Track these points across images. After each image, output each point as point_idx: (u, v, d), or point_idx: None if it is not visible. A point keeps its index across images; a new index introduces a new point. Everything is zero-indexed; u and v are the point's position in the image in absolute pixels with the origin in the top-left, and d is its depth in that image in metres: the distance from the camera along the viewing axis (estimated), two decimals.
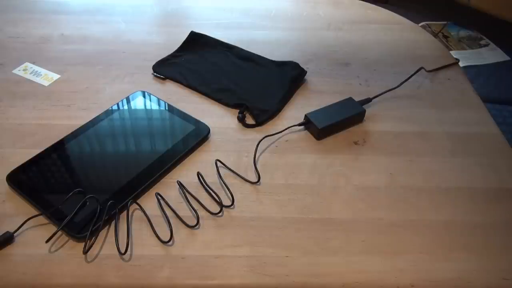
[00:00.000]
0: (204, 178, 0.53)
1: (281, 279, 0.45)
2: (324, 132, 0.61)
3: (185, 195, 0.51)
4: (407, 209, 0.52)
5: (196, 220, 0.49)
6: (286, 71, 0.71)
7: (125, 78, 0.69)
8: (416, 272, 0.46)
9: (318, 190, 0.54)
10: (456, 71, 0.76)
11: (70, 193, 0.49)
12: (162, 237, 0.47)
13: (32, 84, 0.67)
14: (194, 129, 0.60)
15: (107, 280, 0.44)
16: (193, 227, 0.49)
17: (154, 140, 0.58)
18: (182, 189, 0.52)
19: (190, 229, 0.49)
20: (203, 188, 0.53)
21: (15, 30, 0.78)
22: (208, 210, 0.50)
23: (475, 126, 0.65)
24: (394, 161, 0.58)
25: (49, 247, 0.46)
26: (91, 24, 0.81)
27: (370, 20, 0.88)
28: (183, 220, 0.49)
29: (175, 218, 0.49)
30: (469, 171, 0.58)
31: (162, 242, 0.47)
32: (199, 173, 0.54)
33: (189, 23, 0.84)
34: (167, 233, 0.48)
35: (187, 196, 0.51)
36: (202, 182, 0.53)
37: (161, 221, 0.49)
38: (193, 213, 0.50)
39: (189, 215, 0.50)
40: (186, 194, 0.51)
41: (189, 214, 0.50)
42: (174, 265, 0.45)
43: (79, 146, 0.56)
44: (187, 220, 0.49)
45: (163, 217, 0.49)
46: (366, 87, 0.71)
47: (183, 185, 0.52)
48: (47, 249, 0.46)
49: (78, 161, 0.54)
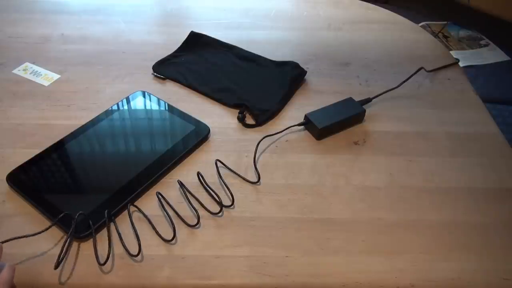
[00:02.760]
0: (204, 178, 0.53)
1: (281, 279, 0.45)
2: (324, 132, 0.61)
3: (185, 195, 0.51)
4: (407, 209, 0.52)
5: (197, 220, 0.49)
6: (286, 71, 0.71)
7: (125, 78, 0.69)
8: (416, 272, 0.46)
9: (318, 190, 0.54)
10: (456, 71, 0.76)
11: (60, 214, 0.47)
12: (164, 237, 0.47)
13: (32, 84, 0.67)
14: (194, 129, 0.60)
15: (107, 279, 0.44)
16: (193, 226, 0.49)
17: (154, 140, 0.58)
18: (182, 188, 0.52)
19: (191, 229, 0.49)
20: (203, 188, 0.53)
21: (15, 30, 0.78)
22: (208, 210, 0.50)
23: (475, 126, 0.65)
24: (394, 161, 0.58)
25: (49, 247, 0.46)
26: (91, 24, 0.81)
27: (370, 20, 0.88)
28: (184, 220, 0.49)
29: (176, 218, 0.49)
30: (469, 171, 0.58)
31: (165, 241, 0.47)
32: (199, 173, 0.54)
33: (189, 23, 0.84)
34: (167, 233, 0.48)
35: (187, 196, 0.51)
36: (202, 182, 0.53)
37: (161, 221, 0.49)
38: (193, 212, 0.50)
39: (189, 215, 0.50)
40: (187, 194, 0.51)
41: (189, 214, 0.50)
42: (174, 265, 0.45)
43: (79, 146, 0.56)
44: (188, 219, 0.49)
45: (164, 217, 0.49)
46: (366, 87, 0.71)
47: (183, 185, 0.52)
48: (47, 248, 0.46)
49: (78, 161, 0.54)
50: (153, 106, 0.63)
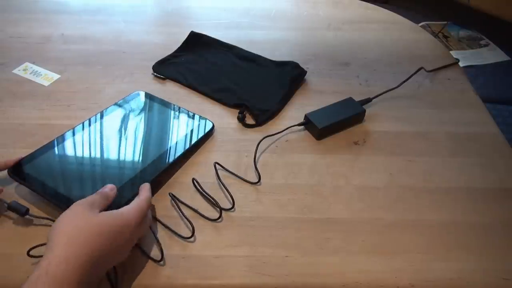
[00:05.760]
0: (204, 180, 0.53)
1: (281, 279, 0.45)
2: (324, 132, 0.61)
3: (179, 203, 0.51)
4: (406, 209, 0.52)
5: (218, 214, 0.49)
6: (286, 71, 0.71)
7: (125, 78, 0.69)
8: (415, 272, 0.46)
9: (318, 190, 0.54)
10: (456, 71, 0.76)
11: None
12: (164, 238, 0.47)
13: (32, 84, 0.67)
14: (198, 124, 0.60)
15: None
16: (216, 220, 0.49)
17: (159, 136, 0.58)
18: (175, 201, 0.52)
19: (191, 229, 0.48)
20: (199, 193, 0.53)
21: (16, 30, 0.78)
22: (206, 217, 0.50)
23: (475, 126, 0.65)
24: (393, 161, 0.58)
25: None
26: (91, 24, 0.81)
27: (370, 20, 0.88)
28: (189, 220, 0.49)
29: (177, 218, 0.50)
30: (468, 171, 0.58)
31: (183, 239, 0.47)
32: (194, 179, 0.53)
33: (189, 23, 0.84)
34: (166, 234, 0.48)
35: (180, 207, 0.51)
36: (198, 188, 0.53)
37: (172, 220, 0.49)
38: (187, 224, 0.50)
39: (193, 216, 0.50)
40: (180, 205, 0.51)
41: (193, 215, 0.50)
42: (174, 265, 0.45)
43: (79, 141, 0.56)
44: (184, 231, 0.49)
45: (178, 216, 0.50)
46: (366, 87, 0.71)
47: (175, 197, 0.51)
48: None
49: (80, 155, 0.54)
50: (156, 104, 0.63)
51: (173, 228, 0.48)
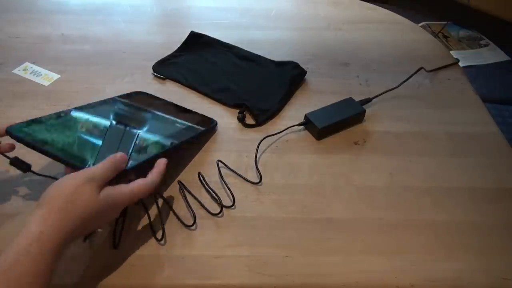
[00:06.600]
0: (205, 178, 0.53)
1: (281, 279, 0.45)
2: (324, 132, 0.61)
3: (184, 195, 0.51)
4: (407, 209, 0.52)
5: (193, 220, 0.49)
6: (286, 71, 0.71)
7: (125, 78, 0.69)
8: (416, 272, 0.46)
9: (318, 190, 0.54)
10: (456, 71, 0.76)
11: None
12: (158, 235, 0.47)
13: (32, 84, 0.67)
14: (202, 120, 0.60)
15: (108, 279, 0.44)
16: (217, 214, 0.50)
17: (162, 131, 0.57)
18: (182, 189, 0.52)
19: (191, 229, 0.48)
20: (204, 188, 0.53)
21: (16, 30, 0.78)
22: (208, 211, 0.50)
23: (475, 126, 0.65)
24: (394, 161, 0.58)
25: None
26: (91, 24, 0.81)
27: (370, 20, 0.88)
28: (182, 220, 0.49)
29: (174, 218, 0.50)
30: (469, 171, 0.58)
31: (186, 226, 0.48)
32: (200, 173, 0.54)
33: (189, 23, 0.84)
34: (169, 228, 0.48)
35: (186, 196, 0.51)
36: (203, 182, 0.53)
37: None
38: (191, 213, 0.50)
39: (188, 216, 0.50)
40: (186, 194, 0.51)
41: (187, 215, 0.50)
42: (174, 265, 0.45)
43: (84, 116, 0.54)
44: (186, 220, 0.49)
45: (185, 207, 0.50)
46: (366, 87, 0.71)
47: (183, 185, 0.52)
48: None
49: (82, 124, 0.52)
50: (159, 101, 0.63)
51: (177, 212, 0.49)
